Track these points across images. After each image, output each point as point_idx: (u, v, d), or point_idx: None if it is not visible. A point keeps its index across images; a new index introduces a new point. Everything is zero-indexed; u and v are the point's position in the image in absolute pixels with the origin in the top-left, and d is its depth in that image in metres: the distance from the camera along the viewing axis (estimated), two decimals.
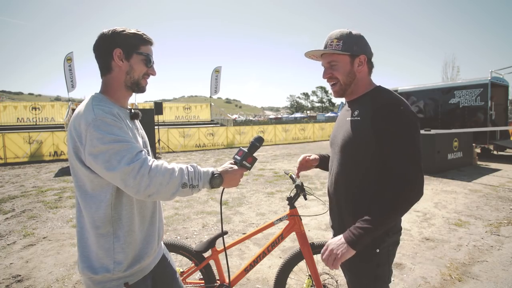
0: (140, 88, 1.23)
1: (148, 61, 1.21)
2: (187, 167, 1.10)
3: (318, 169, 1.70)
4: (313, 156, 1.65)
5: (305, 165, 1.66)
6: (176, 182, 1.04)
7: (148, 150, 1.32)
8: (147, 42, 1.21)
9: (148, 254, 1.22)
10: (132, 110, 1.26)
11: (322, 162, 1.66)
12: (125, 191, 1.04)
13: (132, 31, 1.18)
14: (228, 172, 1.19)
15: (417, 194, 1.11)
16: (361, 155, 1.22)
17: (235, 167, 1.23)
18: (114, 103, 1.17)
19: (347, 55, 1.25)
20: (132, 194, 1.03)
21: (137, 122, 1.30)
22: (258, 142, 1.28)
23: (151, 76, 1.26)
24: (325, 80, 1.34)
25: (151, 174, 1.00)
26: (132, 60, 1.18)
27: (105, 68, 1.18)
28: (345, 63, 1.26)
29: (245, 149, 1.26)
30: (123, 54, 1.16)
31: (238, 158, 1.24)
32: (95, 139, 1.00)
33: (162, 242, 1.42)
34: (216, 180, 1.14)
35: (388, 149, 1.14)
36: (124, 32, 1.16)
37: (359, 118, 1.24)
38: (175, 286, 1.42)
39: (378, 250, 1.24)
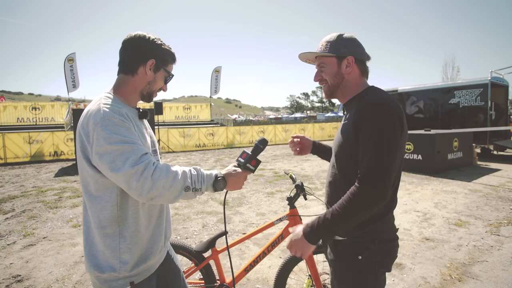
0: (150, 99, 1.28)
1: (167, 79, 1.27)
2: (190, 170, 1.09)
3: (318, 169, 1.73)
4: (307, 138, 1.71)
5: (303, 143, 1.70)
6: (179, 186, 1.03)
7: (156, 149, 1.33)
8: (174, 61, 1.28)
9: (154, 254, 1.22)
10: (141, 110, 1.27)
11: (316, 149, 1.71)
12: (128, 193, 1.04)
13: (167, 46, 1.23)
14: (232, 175, 1.18)
15: (373, 198, 1.06)
16: (349, 158, 1.20)
17: (239, 169, 1.22)
18: (124, 103, 1.18)
19: (334, 56, 1.27)
20: (134, 197, 1.02)
21: (145, 122, 1.32)
22: (262, 145, 1.27)
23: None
24: (317, 83, 1.37)
25: (154, 177, 0.99)
26: (158, 74, 1.22)
27: (129, 68, 1.19)
28: (332, 65, 1.28)
29: (249, 152, 1.25)
30: (154, 65, 1.19)
31: (242, 160, 1.22)
32: (101, 138, 1.00)
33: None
34: (219, 184, 1.13)
35: (360, 148, 1.13)
36: (163, 46, 1.22)
37: (347, 121, 1.24)
38: (179, 284, 1.42)
39: (360, 257, 1.19)
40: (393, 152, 1.09)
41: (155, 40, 1.20)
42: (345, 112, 1.34)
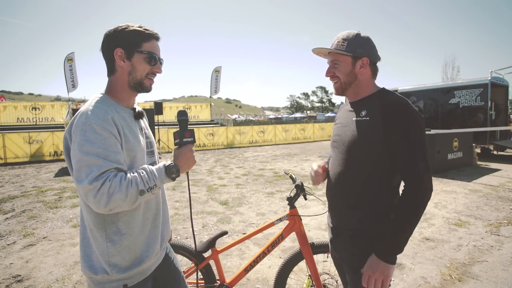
0: (144, 88, 1.19)
1: (152, 59, 1.15)
2: (140, 173, 1.06)
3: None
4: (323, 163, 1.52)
5: (322, 175, 1.49)
6: (134, 193, 1.03)
7: (153, 150, 1.31)
8: (150, 37, 1.16)
9: (149, 257, 1.20)
10: (136, 110, 1.24)
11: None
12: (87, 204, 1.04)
13: (134, 27, 1.13)
14: (179, 156, 1.16)
15: (429, 193, 1.16)
16: (371, 154, 1.24)
17: (181, 149, 1.19)
18: (117, 103, 1.16)
19: (350, 56, 1.27)
20: (93, 209, 1.03)
21: (142, 122, 1.28)
22: (182, 116, 1.24)
23: (157, 75, 1.22)
24: (328, 78, 1.36)
25: (110, 191, 0.99)
26: (134, 59, 1.13)
27: (110, 69, 1.17)
28: (346, 64, 1.29)
29: (178, 130, 1.22)
30: (124, 53, 1.12)
31: (177, 140, 1.21)
32: (76, 143, 1.01)
33: (167, 243, 1.41)
34: (171, 170, 1.11)
35: (400, 148, 1.17)
36: (125, 30, 1.12)
37: (368, 118, 1.25)
38: (179, 286, 1.40)
39: None
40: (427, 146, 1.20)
41: (117, 28, 1.13)
42: (352, 109, 1.34)
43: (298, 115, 73.51)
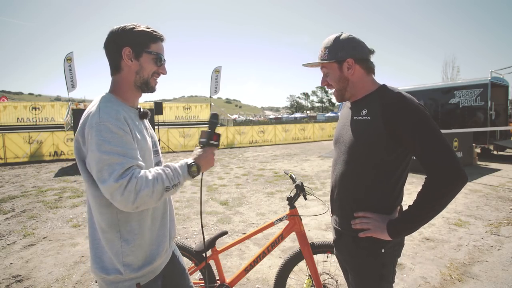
0: (150, 88, 1.21)
1: (158, 59, 1.18)
2: (164, 170, 1.08)
3: (318, 169, 1.69)
4: None
5: None
6: (160, 190, 1.03)
7: (158, 149, 1.32)
8: (158, 39, 1.18)
9: (160, 255, 1.22)
10: (141, 110, 1.25)
11: None
12: (113, 204, 1.03)
13: (142, 28, 1.15)
14: (201, 157, 1.18)
15: (458, 183, 1.07)
16: (373, 156, 1.20)
17: (205, 149, 1.22)
18: (123, 102, 1.16)
19: (334, 62, 1.27)
20: (120, 208, 1.02)
21: (146, 122, 1.29)
22: (215, 119, 1.29)
23: (161, 75, 1.24)
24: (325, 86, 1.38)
25: (137, 188, 0.99)
26: (142, 59, 1.15)
27: (114, 67, 1.16)
28: (334, 70, 1.28)
29: (207, 130, 1.26)
30: (132, 53, 1.13)
31: (204, 140, 1.23)
32: (94, 143, 1.00)
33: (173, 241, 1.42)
34: (193, 168, 1.13)
35: (414, 148, 1.13)
36: (134, 30, 1.14)
37: (368, 117, 1.21)
38: (184, 283, 1.43)
39: (383, 250, 1.23)
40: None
41: (125, 27, 1.14)
42: (353, 108, 1.32)
43: (298, 115, 73.51)
